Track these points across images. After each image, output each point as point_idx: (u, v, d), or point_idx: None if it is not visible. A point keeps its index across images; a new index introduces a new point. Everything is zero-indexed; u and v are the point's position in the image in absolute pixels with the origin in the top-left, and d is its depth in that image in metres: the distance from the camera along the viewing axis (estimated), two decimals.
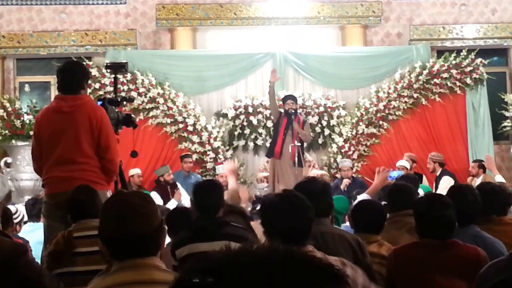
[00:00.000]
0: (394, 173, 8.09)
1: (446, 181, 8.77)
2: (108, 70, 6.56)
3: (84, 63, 9.27)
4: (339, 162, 10.11)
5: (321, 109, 10.66)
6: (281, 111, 9.47)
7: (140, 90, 10.34)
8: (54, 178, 4.51)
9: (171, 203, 8.51)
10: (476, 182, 8.47)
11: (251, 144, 10.62)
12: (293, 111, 9.30)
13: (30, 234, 5.23)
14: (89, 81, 9.47)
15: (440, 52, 11.62)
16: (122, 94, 9.21)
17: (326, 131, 10.66)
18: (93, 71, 10.13)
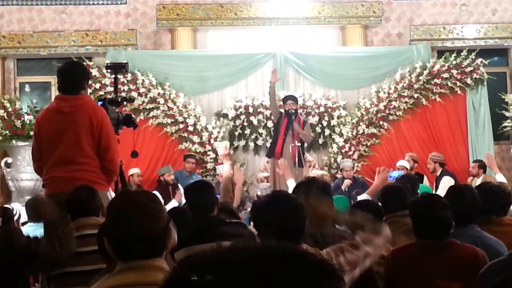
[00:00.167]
0: (395, 173, 8.09)
1: (447, 181, 8.76)
2: (109, 70, 6.57)
3: (85, 64, 9.28)
4: (341, 163, 10.10)
5: (322, 109, 10.66)
6: (282, 112, 9.47)
7: (141, 90, 10.35)
8: (55, 178, 4.52)
9: (172, 204, 8.51)
10: (477, 182, 8.47)
11: (252, 144, 10.62)
12: (294, 112, 9.31)
13: (31, 234, 5.22)
14: (90, 82, 9.53)
15: (441, 52, 11.63)
16: (123, 95, 9.21)
17: (327, 131, 10.65)
18: (94, 72, 10.13)
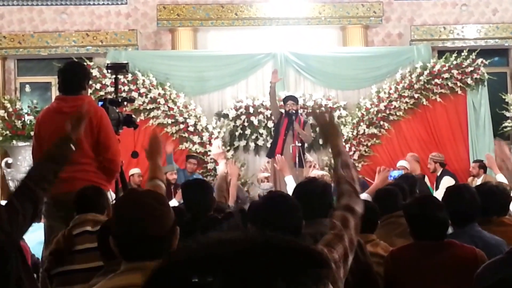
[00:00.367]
0: (395, 173, 8.08)
1: (447, 181, 8.74)
2: (109, 71, 6.58)
3: (85, 64, 9.28)
4: None
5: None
6: (282, 112, 9.46)
7: (141, 91, 10.35)
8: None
9: (172, 203, 8.49)
10: (477, 183, 8.46)
11: (252, 145, 10.62)
12: (294, 112, 9.30)
13: (31, 235, 5.20)
14: (90, 82, 9.54)
15: (441, 53, 11.63)
16: (123, 95, 9.21)
17: None
18: (94, 72, 10.13)
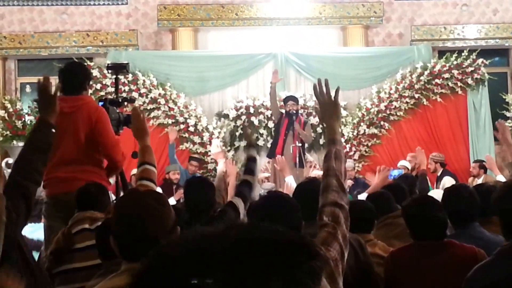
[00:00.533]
0: (395, 172, 8.07)
1: (447, 181, 8.75)
2: (110, 71, 6.58)
3: (86, 64, 9.28)
4: None
5: None
6: (282, 112, 9.46)
7: (142, 91, 10.35)
8: (55, 179, 4.52)
9: (169, 201, 8.48)
10: (477, 183, 8.45)
11: None
12: (294, 112, 9.29)
13: (31, 235, 5.23)
14: (91, 82, 9.55)
15: (442, 53, 11.63)
16: (123, 95, 9.20)
17: None
18: (95, 72, 10.13)
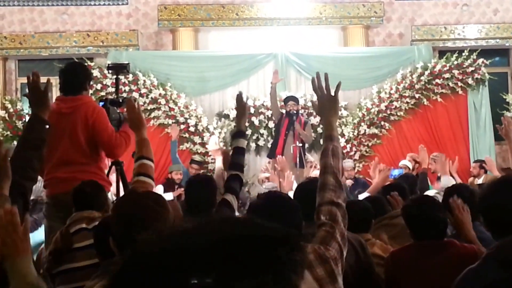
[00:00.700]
0: (396, 172, 8.07)
1: (447, 182, 8.73)
2: (110, 71, 6.57)
3: (86, 64, 9.28)
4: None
5: None
6: (283, 112, 9.46)
7: (142, 91, 10.34)
8: (55, 179, 4.52)
9: (167, 195, 8.50)
10: (478, 183, 8.45)
11: (253, 145, 10.61)
12: (295, 112, 9.30)
13: (31, 235, 5.23)
14: (91, 82, 9.54)
15: (442, 53, 11.62)
16: (124, 95, 9.20)
17: None
18: (95, 72, 10.13)
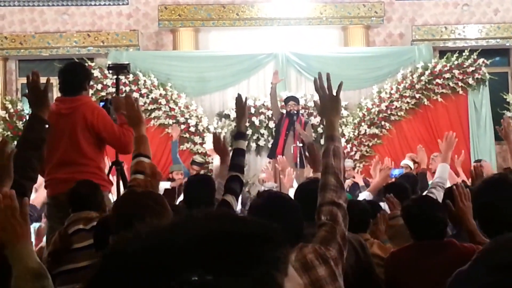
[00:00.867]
0: (396, 171, 8.07)
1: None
2: (110, 71, 6.59)
3: (86, 64, 9.28)
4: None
5: None
6: (283, 112, 9.46)
7: (142, 91, 10.34)
8: (56, 180, 4.53)
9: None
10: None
11: (253, 145, 10.61)
12: (295, 112, 9.30)
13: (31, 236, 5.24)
14: (92, 82, 9.53)
15: (442, 53, 11.61)
16: (124, 95, 9.20)
17: None
18: (95, 72, 10.13)
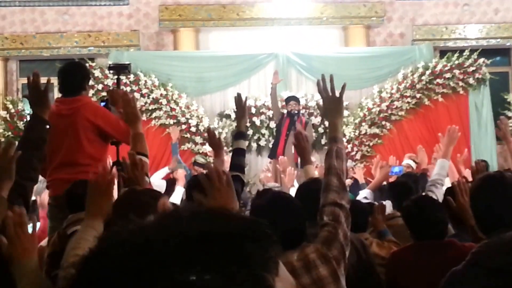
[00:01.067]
0: (396, 169, 8.07)
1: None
2: (111, 71, 6.60)
3: (87, 64, 9.29)
4: None
5: None
6: (283, 112, 9.46)
7: (143, 91, 10.35)
8: (58, 180, 4.53)
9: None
10: None
11: (254, 145, 10.62)
12: (296, 112, 9.30)
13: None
14: (92, 83, 9.55)
15: (443, 52, 11.61)
16: None
17: None
18: (96, 72, 10.14)
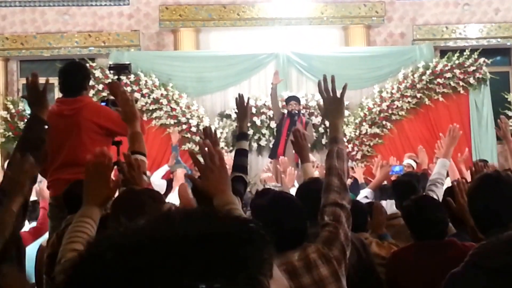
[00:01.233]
0: (396, 168, 8.07)
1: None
2: (112, 71, 6.59)
3: (88, 65, 9.29)
4: None
5: None
6: (284, 112, 9.46)
7: (144, 91, 10.35)
8: (60, 180, 4.52)
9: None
10: None
11: (255, 145, 10.62)
12: (296, 112, 9.30)
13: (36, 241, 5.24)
14: (93, 83, 9.56)
15: (443, 52, 11.61)
16: None
17: None
18: (97, 73, 10.14)
